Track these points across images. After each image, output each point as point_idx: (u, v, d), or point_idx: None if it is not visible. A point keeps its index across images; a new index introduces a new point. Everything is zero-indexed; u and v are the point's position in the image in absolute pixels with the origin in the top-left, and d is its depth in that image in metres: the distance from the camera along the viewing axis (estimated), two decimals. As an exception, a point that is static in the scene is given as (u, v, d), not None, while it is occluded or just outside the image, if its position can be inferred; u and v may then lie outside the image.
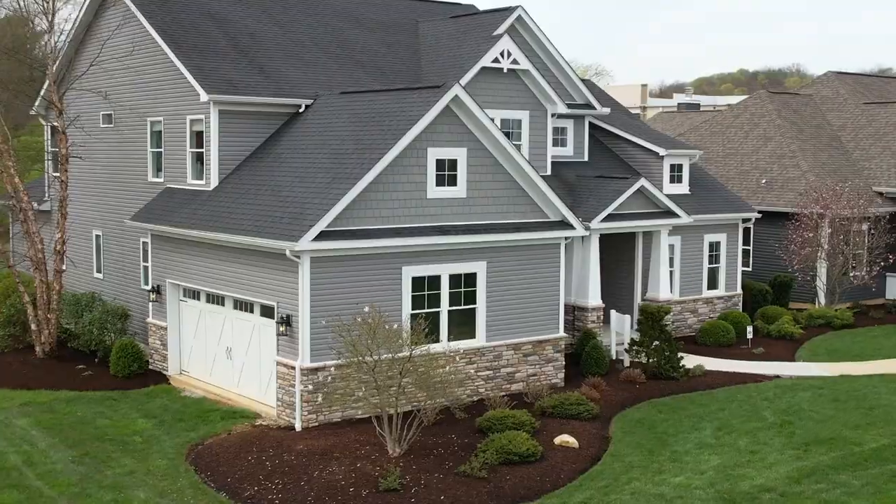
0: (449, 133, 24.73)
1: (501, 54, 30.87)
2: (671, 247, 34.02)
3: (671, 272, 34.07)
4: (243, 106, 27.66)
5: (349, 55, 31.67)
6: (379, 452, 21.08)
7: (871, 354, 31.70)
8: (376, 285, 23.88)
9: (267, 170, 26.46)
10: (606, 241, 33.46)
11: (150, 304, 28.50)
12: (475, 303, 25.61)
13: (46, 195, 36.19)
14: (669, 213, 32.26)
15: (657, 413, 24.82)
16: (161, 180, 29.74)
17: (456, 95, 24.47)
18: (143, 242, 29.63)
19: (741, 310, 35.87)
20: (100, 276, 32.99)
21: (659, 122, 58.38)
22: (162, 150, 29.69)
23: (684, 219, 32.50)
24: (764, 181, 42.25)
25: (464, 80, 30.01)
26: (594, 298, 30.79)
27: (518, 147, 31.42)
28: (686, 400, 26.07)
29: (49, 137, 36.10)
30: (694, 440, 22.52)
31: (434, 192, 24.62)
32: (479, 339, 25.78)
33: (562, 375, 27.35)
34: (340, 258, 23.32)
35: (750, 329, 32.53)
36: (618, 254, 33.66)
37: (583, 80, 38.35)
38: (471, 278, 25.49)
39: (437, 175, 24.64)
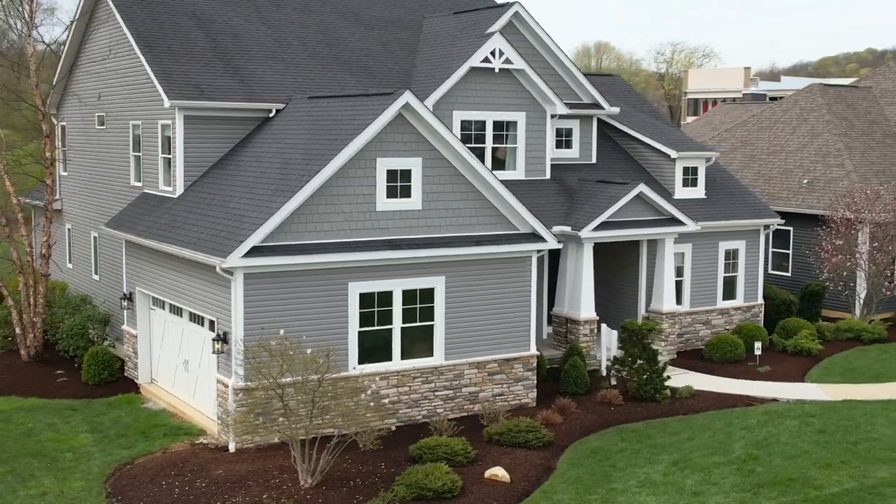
0: (401, 142, 23.56)
1: (492, 53, 29.52)
2: (681, 255, 32.17)
3: (680, 282, 32.22)
4: (211, 111, 26.98)
5: (336, 55, 30.69)
6: (292, 482, 20.17)
7: (890, 375, 29.37)
8: (320, 302, 22.94)
9: (224, 178, 25.75)
10: (608, 249, 31.83)
11: (125, 311, 28.16)
12: (433, 319, 24.43)
13: (58, 194, 36.29)
14: (674, 221, 30.42)
15: (619, 441, 23.28)
16: (140, 185, 29.35)
17: (406, 103, 23.27)
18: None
19: (762, 322, 33.77)
20: (96, 278, 32.89)
21: (719, 113, 55.82)
22: (140, 154, 29.29)
23: (690, 226, 30.61)
24: (806, 181, 39.77)
25: (450, 82, 28.93)
26: (587, 310, 29.25)
27: (513, 150, 30.20)
28: (658, 426, 24.43)
29: (59, 137, 36.19)
30: (640, 477, 20.94)
31: (384, 204, 23.50)
32: (438, 358, 24.59)
33: (533, 395, 25.97)
34: (279, 274, 22.43)
35: (758, 345, 30.48)
36: (621, 263, 31.96)
37: (591, 75, 36.72)
38: (427, 294, 24.31)
39: (388, 186, 23.50)
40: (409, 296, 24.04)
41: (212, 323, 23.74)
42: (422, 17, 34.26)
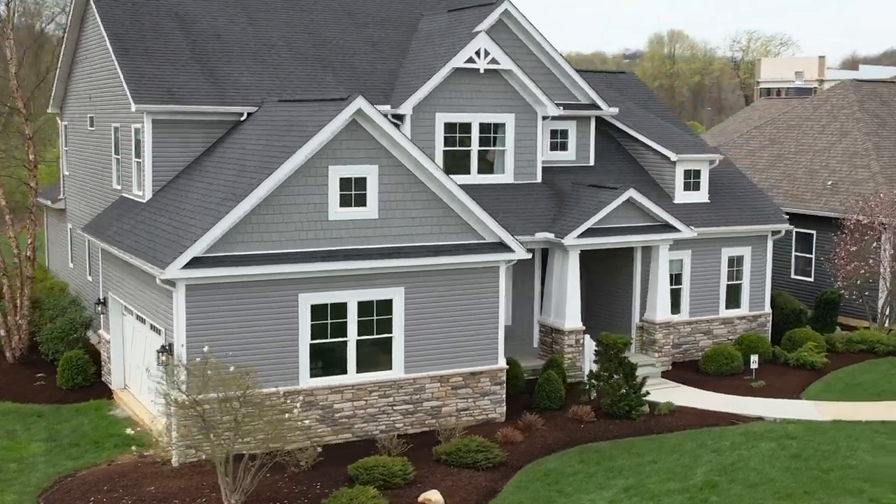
0: (355, 150, 22.81)
1: (477, 53, 28.63)
2: (679, 262, 30.88)
3: (679, 290, 30.93)
4: (180, 115, 26.54)
5: (321, 56, 30.03)
6: (217, 502, 19.62)
7: (895, 392, 27.79)
8: (269, 314, 22.35)
9: (186, 185, 25.31)
10: (602, 256, 30.71)
11: (101, 316, 27.97)
12: (391, 332, 23.67)
13: (61, 193, 36.40)
14: (667, 227, 29.16)
15: (577, 463, 22.27)
16: (119, 188, 29.13)
17: (359, 109, 22.50)
18: (104, 251, 29.16)
19: (770, 332, 32.29)
20: (90, 279, 32.83)
21: (758, 108, 53.93)
22: (119, 157, 29.06)
23: (685, 233, 29.31)
24: (830, 183, 38.02)
25: (431, 84, 28.12)
26: (572, 320, 28.20)
27: (502, 153, 29.26)
28: (625, 447, 23.35)
29: (63, 136, 36.27)
30: (583, 504, 19.98)
31: (338, 213, 22.79)
32: (397, 371, 23.84)
33: (501, 410, 25.06)
34: (225, 285, 21.89)
35: (755, 358, 29.08)
36: (615, 270, 30.78)
37: (603, 73, 35.60)
38: (385, 305, 23.55)
39: (341, 195, 22.78)
40: (365, 307, 23.32)
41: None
42: (420, 14, 33.42)
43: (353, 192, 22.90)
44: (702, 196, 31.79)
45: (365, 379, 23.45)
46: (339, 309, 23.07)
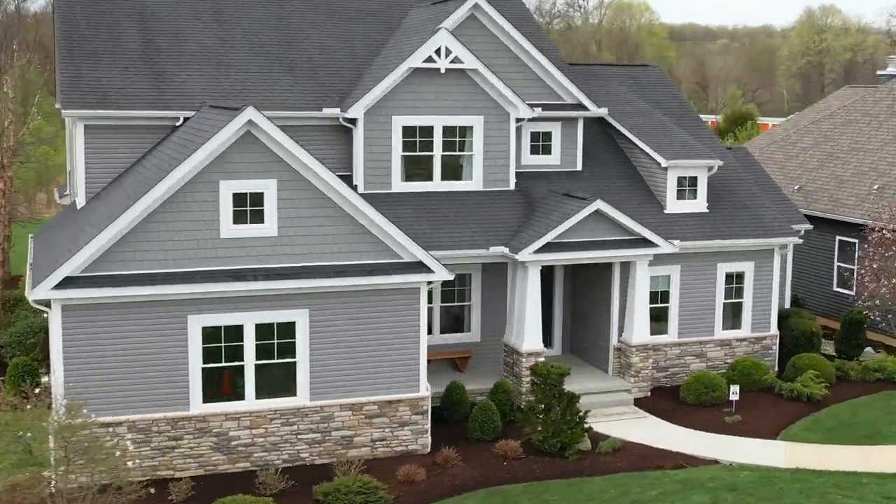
0: (250, 163, 21.37)
1: (438, 52, 26.73)
2: (667, 278, 28.24)
3: (666, 308, 28.31)
4: (115, 120, 25.65)
5: (284, 55, 28.60)
6: (53, 541, 18.63)
7: (889, 435, 24.60)
8: (157, 336, 21.22)
9: (106, 195, 24.45)
10: (585, 271, 28.40)
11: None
12: (294, 356, 22.19)
13: (68, 189, 36.29)
14: (644, 242, 26.63)
15: (473, 510, 20.37)
16: (69, 193, 28.58)
17: (250, 120, 21.02)
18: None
19: (776, 356, 29.29)
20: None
21: (837, 98, 49.66)
22: (70, 161, 28.49)
23: (664, 248, 26.71)
24: (876, 187, 34.36)
25: (383, 85, 26.42)
26: (530, 342, 26.10)
27: (469, 157, 27.33)
28: (538, 491, 21.24)
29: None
30: (443, 563, 18.09)
31: (231, 230, 21.41)
32: (301, 398, 22.36)
33: (424, 441, 23.27)
34: (108, 306, 20.85)
35: (735, 389, 26.27)
36: (594, 287, 28.40)
37: (624, 66, 33.07)
38: (288, 328, 22.08)
39: (235, 211, 21.39)
40: (264, 330, 21.91)
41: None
42: (410, 6, 31.59)
43: (248, 208, 21.47)
44: (698, 205, 28.97)
45: (265, 406, 22.07)
46: (235, 332, 21.74)
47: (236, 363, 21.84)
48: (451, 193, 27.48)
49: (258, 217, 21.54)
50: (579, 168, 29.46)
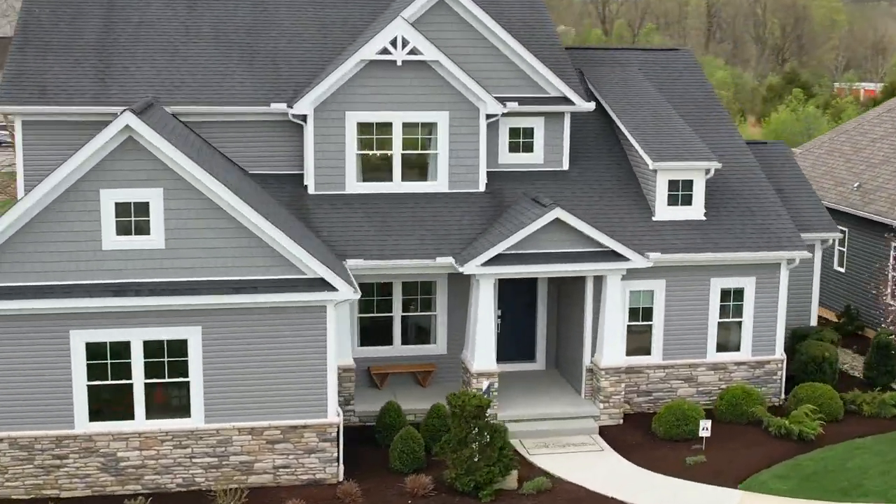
0: (133, 170, 19.98)
1: (394, 43, 24.70)
2: (650, 294, 25.45)
3: (649, 326, 25.55)
4: (55, 116, 24.76)
5: (246, 44, 27.00)
6: None
7: (873, 490, 21.32)
8: (39, 351, 20.22)
9: (26, 195, 23.54)
10: (565, 281, 25.96)
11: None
12: (187, 376, 20.82)
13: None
14: (613, 255, 23.97)
15: (343, 558, 18.58)
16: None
17: (127, 125, 19.63)
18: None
19: (782, 383, 26.11)
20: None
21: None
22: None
23: (636, 262, 23.97)
24: (937, 190, 30.23)
25: (332, 78, 24.72)
26: (481, 361, 23.96)
27: (434, 157, 25.32)
28: (427, 539, 19.29)
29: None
30: None
31: (114, 241, 20.11)
32: (196, 420, 20.97)
33: (333, 470, 21.52)
34: (-15, 318, 20.01)
35: (705, 424, 23.36)
36: (571, 301, 25.88)
37: (648, 50, 30.33)
38: (180, 346, 20.70)
39: (118, 222, 20.08)
40: (154, 347, 20.60)
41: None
42: (404, -12, 29.44)
43: (132, 219, 20.13)
44: (693, 212, 25.95)
45: (155, 426, 20.82)
46: (122, 348, 20.53)
47: (124, 381, 20.64)
48: (412, 196, 25.48)
49: (143, 228, 20.18)
50: (565, 168, 26.88)
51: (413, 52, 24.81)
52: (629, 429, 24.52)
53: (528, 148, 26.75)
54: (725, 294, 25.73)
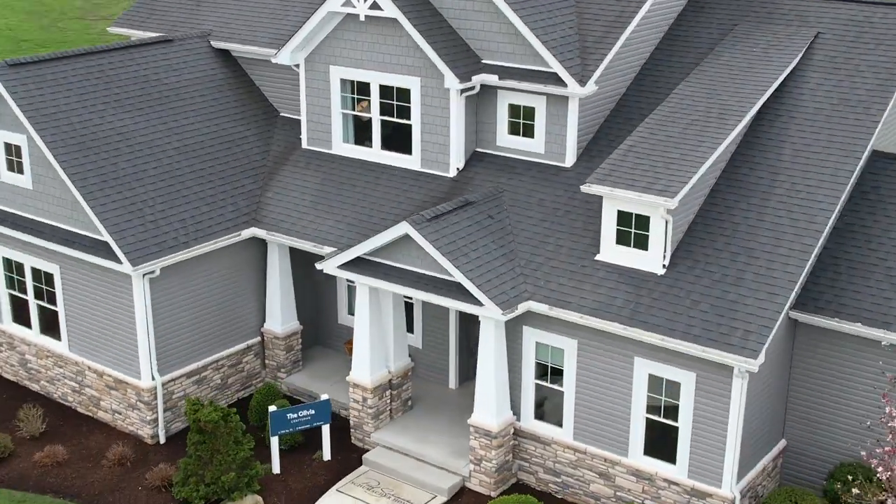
0: None
1: (356, -6, 21.99)
2: (560, 352, 19.28)
3: (560, 394, 19.45)
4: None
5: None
6: None
7: None
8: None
9: None
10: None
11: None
12: (56, 305, 22.76)
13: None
14: (463, 292, 18.85)
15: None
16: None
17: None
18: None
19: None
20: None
21: None
22: None
23: (488, 309, 18.51)
24: None
25: (305, 30, 23.20)
26: (359, 371, 21.23)
27: (409, 128, 22.78)
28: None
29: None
30: None
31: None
32: (63, 346, 22.91)
33: (151, 431, 21.76)
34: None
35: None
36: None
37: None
38: (48, 277, 22.66)
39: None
40: (36, 275, 22.90)
41: None
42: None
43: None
44: (648, 260, 18.39)
45: (43, 343, 23.36)
46: (17, 268, 23.22)
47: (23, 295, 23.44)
48: (387, 168, 22.62)
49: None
50: (568, 164, 20.90)
51: (374, 6, 21.43)
52: (491, 508, 19.50)
53: (529, 132, 21.30)
54: (656, 383, 18.21)
